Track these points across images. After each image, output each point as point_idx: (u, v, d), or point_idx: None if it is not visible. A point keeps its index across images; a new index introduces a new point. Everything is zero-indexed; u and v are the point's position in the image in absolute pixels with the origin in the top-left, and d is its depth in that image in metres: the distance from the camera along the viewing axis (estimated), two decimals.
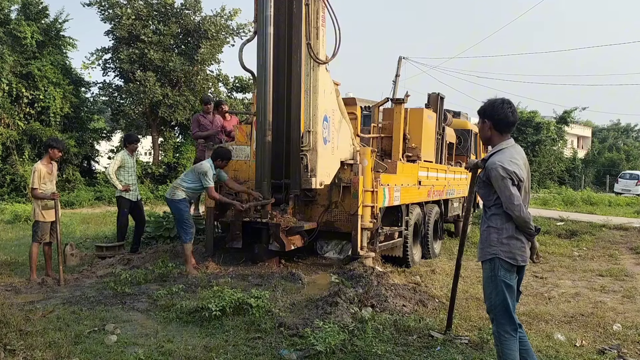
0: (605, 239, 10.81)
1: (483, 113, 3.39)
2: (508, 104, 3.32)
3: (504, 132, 3.34)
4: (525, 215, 3.18)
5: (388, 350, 4.01)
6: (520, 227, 3.22)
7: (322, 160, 5.66)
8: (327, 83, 5.95)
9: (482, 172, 3.36)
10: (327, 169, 5.94)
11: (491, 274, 3.27)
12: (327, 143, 5.92)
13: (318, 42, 5.60)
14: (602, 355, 4.27)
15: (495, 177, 3.18)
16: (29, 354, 3.79)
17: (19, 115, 16.54)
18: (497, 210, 3.27)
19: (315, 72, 5.57)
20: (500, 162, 3.19)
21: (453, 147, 10.90)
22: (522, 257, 3.25)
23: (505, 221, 3.24)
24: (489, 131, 3.36)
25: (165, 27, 18.82)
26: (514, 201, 3.15)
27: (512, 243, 3.23)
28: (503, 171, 3.15)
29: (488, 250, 3.29)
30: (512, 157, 3.25)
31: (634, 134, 54.56)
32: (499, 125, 3.32)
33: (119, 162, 7.81)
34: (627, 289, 6.82)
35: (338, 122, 6.32)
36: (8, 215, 12.61)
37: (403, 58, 24.02)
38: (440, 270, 7.69)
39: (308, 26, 5.60)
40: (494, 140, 3.37)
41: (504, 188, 3.16)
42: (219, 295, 4.80)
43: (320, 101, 5.65)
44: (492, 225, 3.30)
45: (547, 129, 33.36)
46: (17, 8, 17.25)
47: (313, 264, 6.95)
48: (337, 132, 6.24)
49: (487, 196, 3.34)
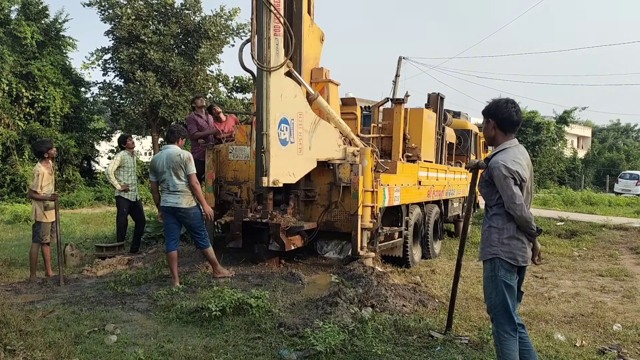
0: (605, 239, 10.81)
1: (487, 112, 3.39)
2: (512, 104, 3.33)
3: (507, 131, 3.35)
4: (526, 215, 3.17)
5: (388, 350, 4.01)
6: (522, 228, 3.22)
7: (276, 161, 5.96)
8: (286, 88, 6.17)
9: (485, 171, 3.35)
10: (286, 169, 6.16)
11: (491, 274, 3.28)
12: (287, 144, 6.14)
13: (270, 51, 5.94)
14: (602, 355, 4.27)
15: (498, 176, 3.18)
16: (29, 354, 3.79)
17: (19, 116, 16.55)
18: (499, 210, 3.27)
19: (267, 79, 5.92)
20: (503, 161, 3.19)
21: (453, 147, 10.89)
22: (523, 258, 3.25)
23: (506, 221, 3.24)
24: (493, 130, 3.37)
25: (165, 27, 18.82)
26: (516, 201, 3.15)
27: (513, 243, 3.23)
28: (505, 170, 3.16)
29: (489, 250, 3.29)
30: (515, 156, 3.25)
31: (634, 134, 54.57)
32: (503, 124, 3.33)
33: (118, 162, 7.86)
34: (627, 289, 6.82)
35: (311, 124, 6.47)
36: (8, 215, 12.62)
37: (403, 58, 24.01)
38: (440, 270, 7.69)
39: (260, 37, 5.99)
40: (497, 140, 3.37)
41: (506, 187, 3.16)
42: (219, 295, 4.80)
43: (273, 106, 5.94)
44: (493, 225, 3.30)
45: (547, 129, 33.38)
46: (17, 8, 17.27)
47: (313, 264, 6.95)
48: (308, 132, 6.39)
49: (489, 195, 3.34)
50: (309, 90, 6.64)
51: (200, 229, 6.04)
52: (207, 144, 7.78)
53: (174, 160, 5.76)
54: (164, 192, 5.89)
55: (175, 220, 5.95)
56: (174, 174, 5.77)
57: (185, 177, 5.81)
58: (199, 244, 6.09)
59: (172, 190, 5.81)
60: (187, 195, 5.85)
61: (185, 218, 5.92)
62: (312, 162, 6.56)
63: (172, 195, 5.83)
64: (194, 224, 5.98)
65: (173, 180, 5.78)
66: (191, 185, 5.82)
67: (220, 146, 7.76)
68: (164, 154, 5.88)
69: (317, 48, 7.20)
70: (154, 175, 5.99)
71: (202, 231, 6.06)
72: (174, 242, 5.99)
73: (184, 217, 5.90)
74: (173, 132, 6.06)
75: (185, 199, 5.84)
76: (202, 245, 6.08)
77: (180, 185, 5.80)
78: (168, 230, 6.00)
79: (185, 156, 5.81)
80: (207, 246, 6.08)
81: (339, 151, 6.87)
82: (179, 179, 5.79)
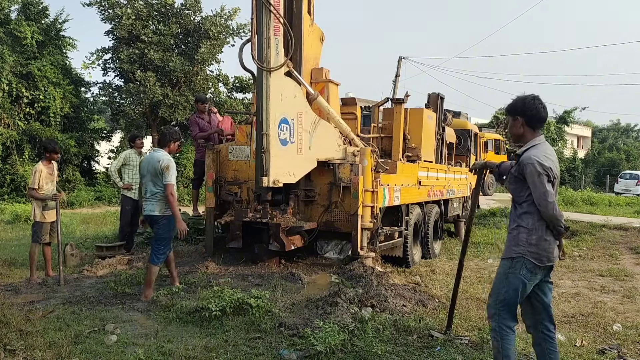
0: (605, 239, 10.80)
1: (514, 110, 3.35)
2: (539, 100, 3.31)
3: (536, 128, 3.31)
4: (557, 212, 3.14)
5: (388, 350, 4.01)
6: (551, 225, 3.18)
7: (276, 161, 5.94)
8: (286, 88, 6.16)
9: (515, 167, 3.31)
10: (286, 169, 6.14)
11: (508, 271, 3.26)
12: (287, 144, 6.13)
13: (270, 51, 5.95)
14: (602, 355, 4.27)
15: (531, 172, 3.13)
16: (29, 354, 3.79)
17: (19, 115, 16.54)
18: (529, 208, 3.22)
19: (267, 80, 5.91)
20: (536, 157, 3.15)
21: (453, 147, 10.90)
22: (549, 258, 3.23)
23: (536, 220, 3.20)
24: (522, 128, 3.32)
25: (165, 27, 18.81)
26: (549, 198, 3.11)
27: (541, 244, 3.20)
28: (540, 167, 3.11)
29: (515, 249, 3.26)
30: (546, 152, 3.22)
31: (634, 134, 54.55)
32: (532, 121, 3.29)
33: (122, 160, 7.90)
34: (627, 289, 6.82)
35: (311, 124, 6.47)
36: (8, 215, 12.62)
37: (403, 58, 24.03)
38: (440, 270, 7.69)
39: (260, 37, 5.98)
40: (526, 137, 3.32)
41: (540, 184, 3.12)
42: (219, 295, 4.80)
43: (273, 106, 5.92)
44: (522, 225, 3.25)
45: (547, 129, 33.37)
46: (17, 8, 17.27)
47: (313, 264, 6.96)
48: (308, 132, 6.40)
49: (519, 192, 3.29)
50: (309, 90, 6.64)
51: (162, 243, 5.47)
52: (207, 144, 7.79)
53: (154, 166, 5.36)
54: (143, 197, 5.53)
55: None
56: (152, 180, 5.39)
57: (161, 186, 5.36)
58: (153, 257, 5.46)
59: (149, 197, 5.41)
60: (161, 203, 5.40)
61: (155, 228, 5.48)
62: (312, 162, 6.56)
63: (148, 202, 5.43)
64: (159, 234, 5.47)
65: (150, 187, 5.40)
66: (166, 195, 5.35)
67: (220, 146, 7.77)
68: (148, 157, 5.54)
69: (317, 48, 7.21)
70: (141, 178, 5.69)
71: (162, 246, 5.47)
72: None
73: (154, 227, 5.49)
74: (164, 135, 5.63)
75: (158, 206, 5.39)
76: (154, 261, 5.45)
77: (156, 193, 5.38)
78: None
79: (164, 164, 5.32)
80: (157, 264, 5.49)
81: (339, 151, 6.88)
82: (155, 186, 5.37)
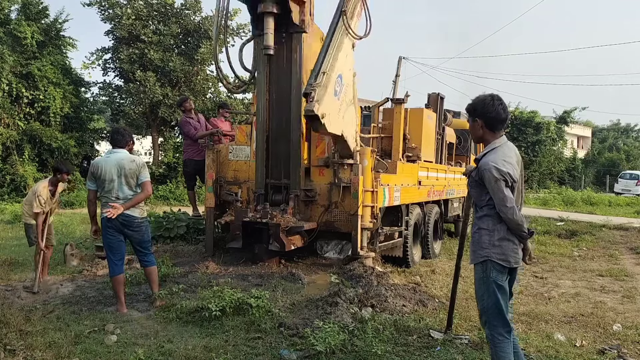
0: (605, 239, 10.81)
1: (473, 111, 3.28)
2: (498, 100, 3.23)
3: (496, 129, 3.25)
4: (518, 218, 3.10)
5: (388, 350, 4.01)
6: (513, 230, 3.15)
7: (327, 99, 5.77)
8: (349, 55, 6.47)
9: (475, 171, 3.26)
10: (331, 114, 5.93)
11: (482, 276, 3.22)
12: (336, 97, 6.11)
13: (352, 20, 6.41)
14: (602, 355, 4.27)
15: (489, 178, 3.09)
16: (29, 354, 3.79)
17: (19, 115, 16.54)
18: (489, 211, 3.20)
19: (345, 39, 6.26)
20: (494, 162, 3.10)
21: (453, 147, 10.90)
22: (515, 259, 3.19)
23: (497, 222, 3.17)
24: (481, 130, 3.26)
25: (165, 27, 18.83)
26: (507, 204, 3.07)
27: (505, 245, 3.16)
28: (497, 172, 3.07)
29: (480, 253, 3.22)
30: (505, 155, 3.16)
31: (634, 134, 54.55)
32: (491, 122, 3.22)
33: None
34: (627, 289, 6.82)
35: (350, 100, 6.58)
36: (8, 216, 12.61)
37: (403, 58, 24.06)
38: (440, 270, 7.69)
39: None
40: (486, 139, 3.27)
41: (497, 190, 3.08)
42: (219, 295, 4.80)
43: (340, 61, 6.11)
44: (483, 227, 3.22)
45: (547, 129, 33.33)
46: (17, 8, 17.25)
47: (313, 264, 6.95)
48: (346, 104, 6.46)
49: (479, 196, 3.26)
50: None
51: (149, 243, 5.29)
52: (206, 144, 7.79)
53: (126, 167, 4.96)
54: (109, 203, 4.96)
55: (122, 237, 5.10)
56: (126, 183, 4.98)
57: (137, 187, 5.04)
58: (147, 261, 5.24)
59: (123, 202, 4.97)
60: (139, 206, 5.10)
61: (137, 232, 5.11)
62: (339, 129, 6.30)
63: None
64: (145, 238, 5.19)
65: (124, 190, 4.98)
66: (147, 193, 5.09)
67: (220, 146, 7.77)
68: (112, 159, 5.01)
69: (317, 48, 7.20)
70: (93, 183, 5.07)
71: (150, 245, 5.34)
72: (122, 263, 5.16)
73: (135, 230, 5.09)
74: (123, 134, 5.22)
75: (137, 209, 5.07)
76: (152, 262, 5.28)
77: (132, 196, 5.01)
78: (114, 249, 5.06)
79: (140, 163, 5.08)
80: (155, 263, 5.35)
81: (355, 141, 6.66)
82: (131, 188, 5.01)
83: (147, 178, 5.09)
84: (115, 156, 5.04)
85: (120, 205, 4.90)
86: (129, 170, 4.98)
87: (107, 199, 5.00)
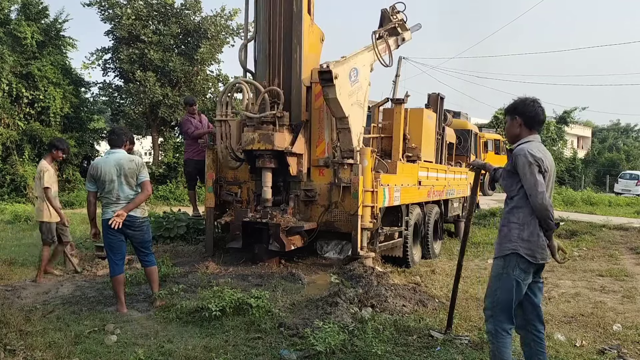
0: (605, 239, 10.80)
1: (514, 110, 3.41)
2: (538, 103, 3.38)
3: (533, 128, 3.37)
4: (547, 203, 3.14)
5: (388, 350, 4.01)
6: (540, 217, 3.18)
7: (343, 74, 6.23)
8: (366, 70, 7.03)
9: (508, 162, 3.35)
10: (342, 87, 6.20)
11: (501, 272, 3.26)
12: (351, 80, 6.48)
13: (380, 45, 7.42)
14: (602, 355, 4.27)
15: (523, 163, 3.17)
16: (29, 354, 3.79)
17: (19, 116, 16.54)
18: (520, 202, 3.24)
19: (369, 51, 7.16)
20: (529, 148, 3.21)
21: (453, 147, 10.91)
22: (542, 255, 3.22)
23: (527, 215, 3.21)
24: (519, 128, 3.38)
25: (165, 27, 18.82)
26: (538, 188, 3.13)
27: (534, 240, 3.20)
28: (531, 157, 3.16)
29: (507, 246, 3.25)
30: (539, 147, 3.28)
31: (634, 134, 54.54)
32: (530, 122, 3.35)
33: None
34: (627, 289, 6.82)
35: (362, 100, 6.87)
36: (8, 215, 12.60)
37: (403, 58, 24.06)
38: (440, 270, 7.69)
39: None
40: (522, 137, 3.37)
41: (530, 175, 3.15)
42: (219, 295, 4.80)
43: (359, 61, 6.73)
44: (513, 221, 3.26)
45: (547, 129, 33.39)
46: (17, 8, 17.25)
47: (313, 264, 6.95)
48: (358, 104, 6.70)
49: (511, 186, 3.32)
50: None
51: (150, 243, 5.33)
52: (207, 144, 7.80)
53: (126, 167, 4.96)
54: (110, 204, 4.98)
55: (123, 237, 5.10)
56: (126, 182, 4.98)
57: (137, 186, 5.04)
58: (148, 261, 5.25)
59: (123, 202, 4.97)
60: (140, 206, 5.11)
61: (138, 232, 5.12)
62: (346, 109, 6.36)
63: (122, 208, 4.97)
64: (146, 238, 5.21)
65: (125, 190, 4.97)
66: (147, 193, 5.06)
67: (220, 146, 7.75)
68: (111, 160, 5.01)
69: (317, 48, 7.21)
70: (93, 185, 5.07)
71: (151, 245, 5.37)
72: (122, 263, 5.17)
73: (136, 230, 5.10)
74: (119, 134, 5.21)
75: (139, 209, 5.08)
76: (153, 262, 5.29)
77: (133, 195, 5.01)
78: (114, 249, 5.06)
79: (139, 162, 5.09)
80: (155, 263, 5.36)
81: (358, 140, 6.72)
82: (131, 187, 5.00)
83: (146, 178, 5.10)
84: (113, 156, 5.05)
85: (122, 212, 4.90)
86: (129, 169, 4.98)
87: (108, 200, 5.00)
